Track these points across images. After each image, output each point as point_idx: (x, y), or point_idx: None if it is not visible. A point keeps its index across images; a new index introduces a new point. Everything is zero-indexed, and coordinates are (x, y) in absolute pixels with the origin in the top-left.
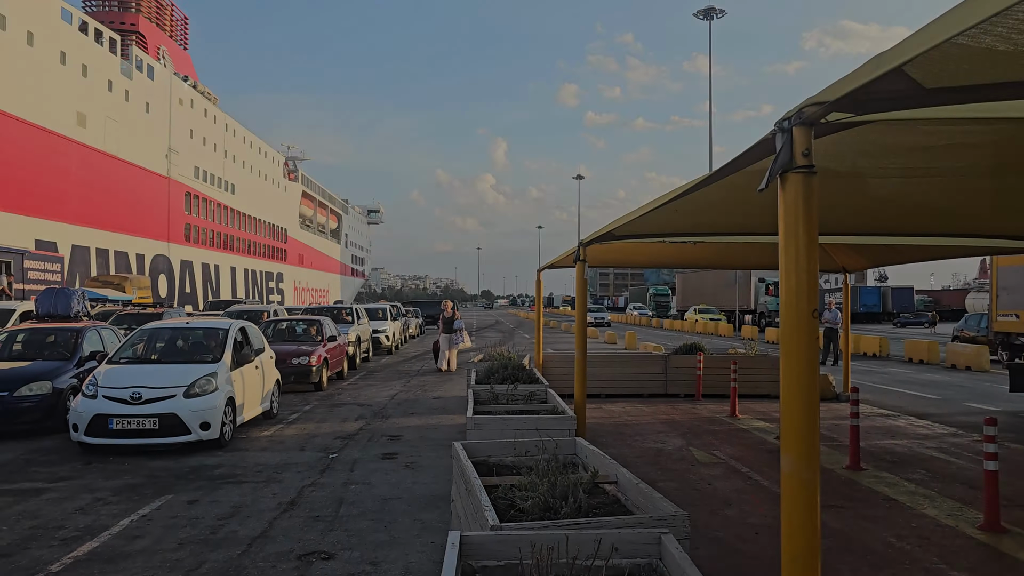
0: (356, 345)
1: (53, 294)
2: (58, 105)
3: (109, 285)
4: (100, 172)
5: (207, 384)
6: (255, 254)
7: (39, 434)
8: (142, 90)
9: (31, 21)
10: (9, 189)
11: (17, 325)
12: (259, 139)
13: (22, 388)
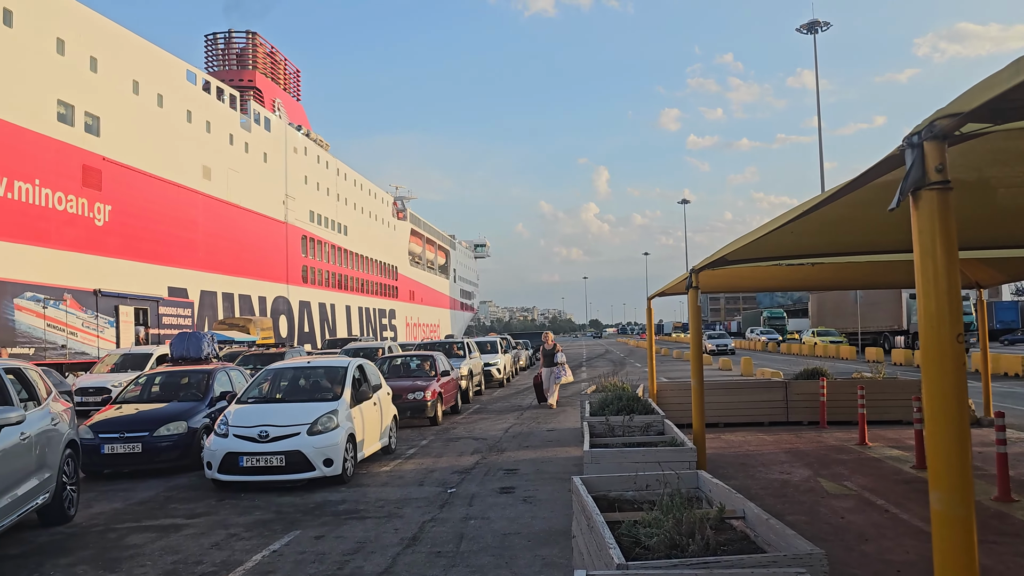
0: (468, 379)
1: (185, 338)
2: (186, 160)
3: (235, 327)
4: (224, 221)
5: (329, 421)
6: (368, 292)
7: (176, 471)
8: (260, 141)
9: (161, 85)
10: (147, 241)
11: (155, 368)
12: (369, 181)
13: (161, 428)
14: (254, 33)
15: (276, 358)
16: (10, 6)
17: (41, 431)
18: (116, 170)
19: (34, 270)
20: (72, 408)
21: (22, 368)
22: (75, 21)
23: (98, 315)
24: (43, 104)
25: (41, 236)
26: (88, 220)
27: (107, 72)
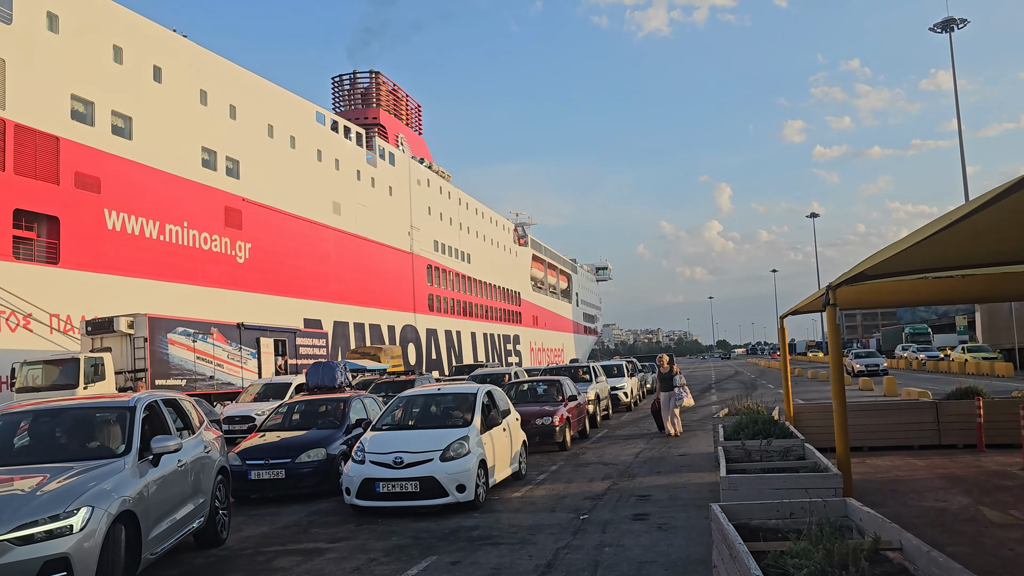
0: (596, 403)
1: (320, 367)
2: (317, 197)
3: (367, 356)
4: (354, 253)
5: (460, 448)
6: (492, 318)
7: (317, 497)
8: (386, 176)
9: (293, 127)
10: (283, 276)
11: (294, 397)
12: (490, 209)
13: (302, 455)
14: (377, 73)
15: (407, 385)
16: (159, 63)
17: (196, 458)
18: (254, 210)
19: (184, 306)
20: (222, 436)
21: (178, 399)
22: (216, 73)
23: (241, 347)
24: (190, 152)
25: (190, 274)
26: (231, 258)
27: (245, 118)
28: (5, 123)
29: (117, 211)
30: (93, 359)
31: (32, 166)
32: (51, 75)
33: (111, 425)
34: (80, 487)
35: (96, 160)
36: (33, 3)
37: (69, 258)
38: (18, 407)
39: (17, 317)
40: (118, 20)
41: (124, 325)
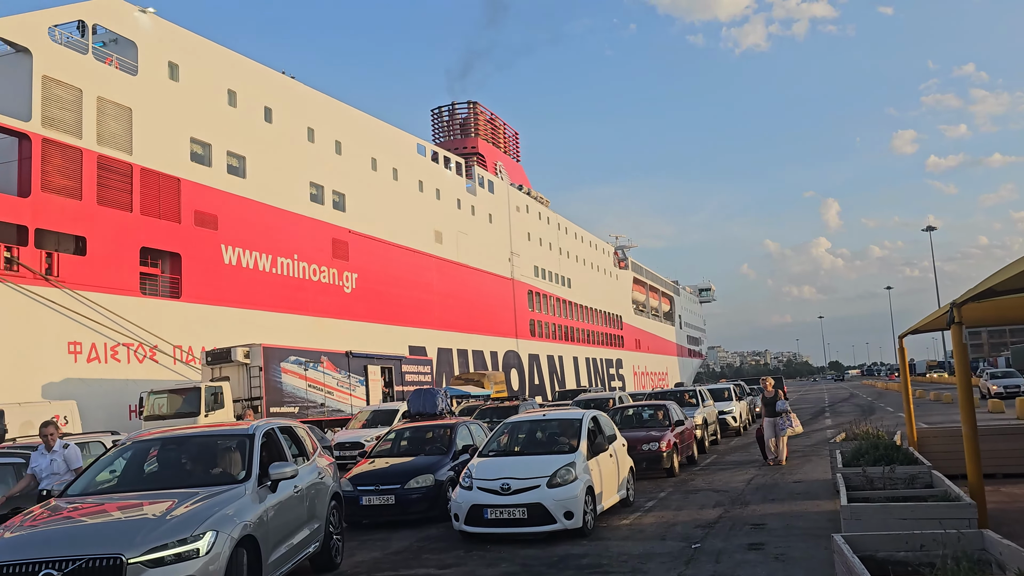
0: (703, 428)
1: (421, 394)
2: (419, 226)
3: (471, 382)
4: (455, 281)
5: (567, 474)
6: (594, 343)
7: (426, 523)
8: (485, 204)
9: (395, 159)
10: (388, 305)
11: (401, 423)
12: (589, 233)
13: (411, 481)
14: (475, 103)
15: (511, 411)
16: (270, 104)
17: (311, 484)
18: (360, 241)
19: (295, 336)
20: (334, 462)
21: (293, 427)
22: (322, 111)
23: (350, 375)
24: (299, 187)
25: (300, 305)
26: (338, 288)
27: (349, 153)
28: (132, 167)
29: (233, 246)
30: (213, 388)
31: (156, 206)
32: (173, 120)
33: (232, 452)
34: (205, 512)
35: (213, 199)
36: (156, 54)
37: (190, 292)
38: (147, 435)
39: (144, 349)
40: (232, 66)
41: (241, 355)
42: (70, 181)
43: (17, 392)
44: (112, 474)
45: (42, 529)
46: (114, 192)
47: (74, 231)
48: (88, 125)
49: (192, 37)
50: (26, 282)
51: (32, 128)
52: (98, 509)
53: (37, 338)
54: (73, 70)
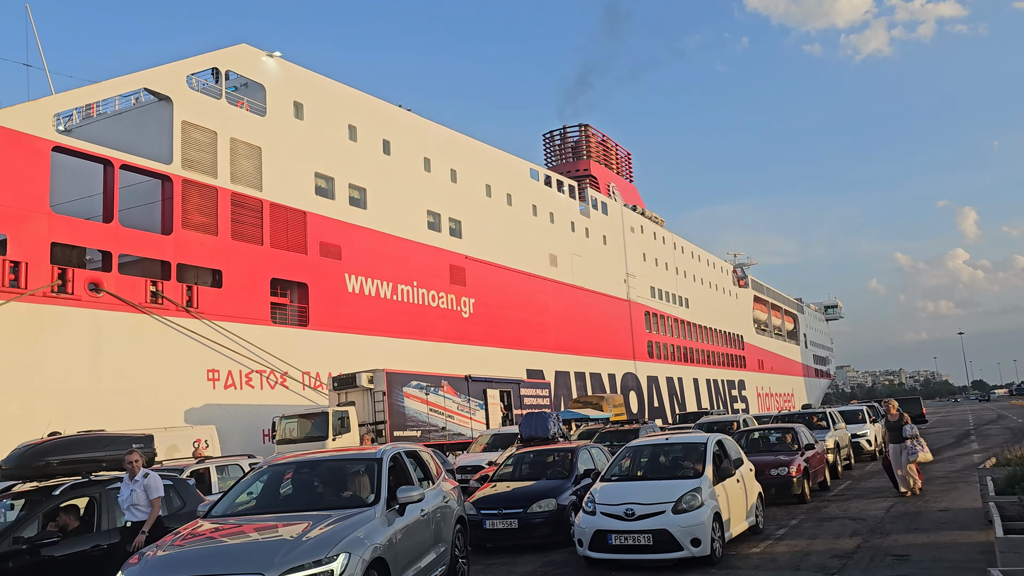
0: (835, 452)
1: (533, 418)
2: (534, 250)
3: (589, 405)
4: (571, 303)
5: (693, 499)
6: (714, 363)
7: (549, 548)
8: (599, 225)
9: (509, 185)
10: (505, 328)
11: (512, 448)
12: (705, 252)
13: (533, 505)
14: (586, 126)
15: (631, 434)
16: (388, 137)
17: (436, 508)
18: (476, 266)
19: (416, 361)
20: (459, 486)
21: (418, 450)
22: (437, 141)
23: (470, 398)
24: (416, 215)
25: (420, 331)
26: (456, 313)
27: (464, 181)
28: (263, 203)
29: (356, 275)
30: (340, 412)
31: (285, 239)
32: (298, 157)
33: (361, 476)
34: (338, 534)
35: (336, 230)
36: (282, 96)
37: (317, 320)
38: (282, 459)
39: (275, 375)
40: (352, 102)
41: (365, 380)
42: (207, 218)
43: (163, 417)
44: (250, 496)
45: (188, 549)
46: (246, 227)
47: (211, 265)
48: (222, 165)
49: (314, 77)
50: (169, 314)
51: (173, 170)
52: (238, 530)
53: (180, 366)
54: (208, 114)
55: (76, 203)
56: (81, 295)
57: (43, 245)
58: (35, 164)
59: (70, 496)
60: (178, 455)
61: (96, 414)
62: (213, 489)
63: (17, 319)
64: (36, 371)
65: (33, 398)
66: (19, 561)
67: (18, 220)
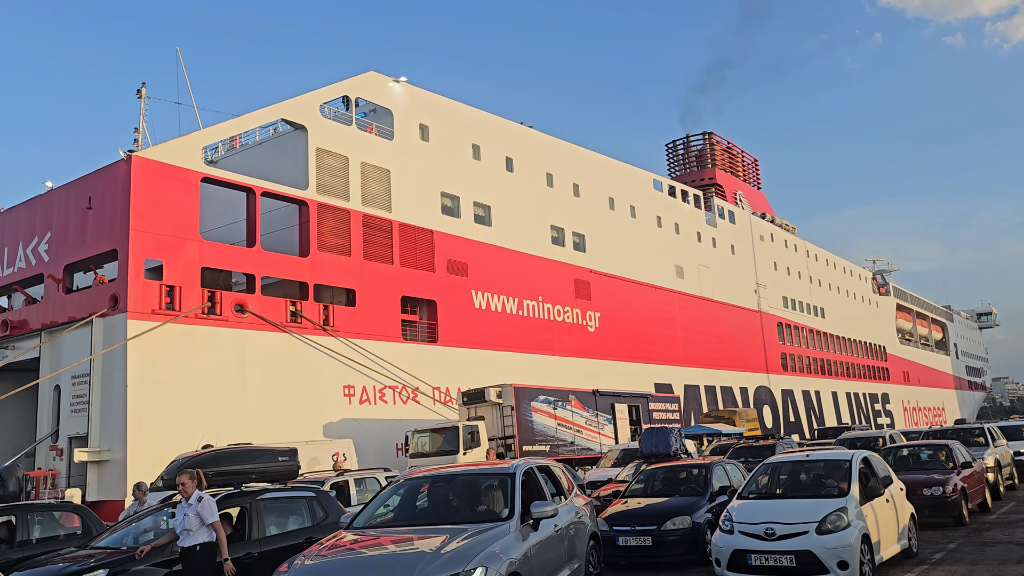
0: (996, 471)
1: (654, 433)
2: (659, 262)
3: (721, 419)
4: (699, 315)
5: (838, 520)
6: (854, 376)
7: (683, 566)
8: (726, 235)
9: (632, 197)
10: (631, 342)
11: (633, 464)
12: (841, 259)
13: (667, 522)
14: (710, 133)
15: (767, 450)
16: (510, 154)
17: (569, 523)
18: (601, 280)
19: (543, 376)
20: (591, 502)
21: (550, 465)
22: (559, 156)
23: (598, 413)
24: (540, 231)
25: (546, 345)
26: (582, 327)
27: (587, 194)
28: (392, 223)
29: (482, 291)
30: (470, 427)
31: (414, 258)
32: (425, 177)
33: (494, 490)
34: (474, 548)
35: (462, 247)
36: (408, 119)
37: (445, 336)
38: (417, 473)
39: (407, 391)
40: (475, 122)
41: (494, 395)
42: (341, 240)
43: (303, 431)
44: (387, 509)
45: (332, 560)
46: (377, 247)
47: (345, 285)
48: (354, 188)
49: (439, 100)
50: (308, 332)
51: (309, 195)
52: (377, 542)
53: (318, 382)
54: (340, 141)
55: (221, 229)
56: (228, 316)
57: (194, 270)
58: (187, 195)
59: (223, 506)
60: (318, 468)
61: (242, 428)
62: (352, 501)
63: (173, 339)
64: (190, 388)
65: (187, 413)
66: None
67: (173, 247)
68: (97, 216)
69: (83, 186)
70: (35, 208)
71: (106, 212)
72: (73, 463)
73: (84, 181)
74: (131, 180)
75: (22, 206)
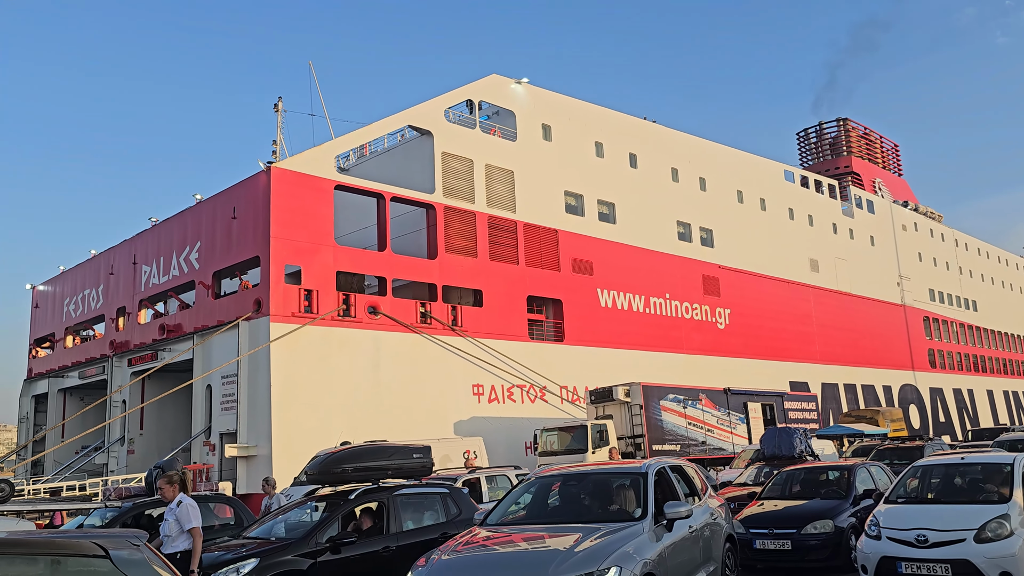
0: None
1: (776, 434)
2: (792, 256)
3: (862, 419)
4: (836, 310)
5: (1000, 528)
6: (1013, 373)
7: (825, 573)
8: (864, 225)
9: (762, 189)
10: (763, 339)
11: (754, 466)
12: (995, 247)
13: (808, 526)
14: (845, 119)
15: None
16: (634, 150)
17: (704, 524)
18: (730, 275)
19: (671, 374)
20: (726, 503)
21: (682, 465)
22: (684, 150)
23: (729, 412)
24: (666, 227)
25: (674, 343)
26: (711, 324)
27: (714, 188)
28: (517, 224)
29: (607, 289)
30: (598, 426)
31: (539, 257)
32: (548, 177)
33: (626, 490)
34: (608, 548)
35: (587, 246)
36: (531, 120)
37: (572, 335)
38: (549, 472)
39: (535, 389)
40: (597, 120)
41: (622, 394)
42: (467, 242)
43: (434, 429)
44: (518, 506)
45: (467, 555)
46: (503, 248)
47: (472, 285)
48: (479, 190)
49: (560, 99)
50: (437, 333)
51: (436, 199)
52: (509, 539)
53: (448, 381)
54: (465, 144)
55: (353, 234)
56: (362, 318)
57: (330, 274)
58: (322, 202)
59: (363, 500)
60: (451, 465)
61: (376, 426)
62: (483, 497)
63: (311, 341)
64: (327, 387)
65: (325, 411)
66: (324, 557)
67: (310, 253)
68: (241, 225)
69: (228, 197)
70: (186, 219)
71: (249, 221)
72: (224, 458)
73: (228, 192)
74: (271, 190)
75: (175, 218)
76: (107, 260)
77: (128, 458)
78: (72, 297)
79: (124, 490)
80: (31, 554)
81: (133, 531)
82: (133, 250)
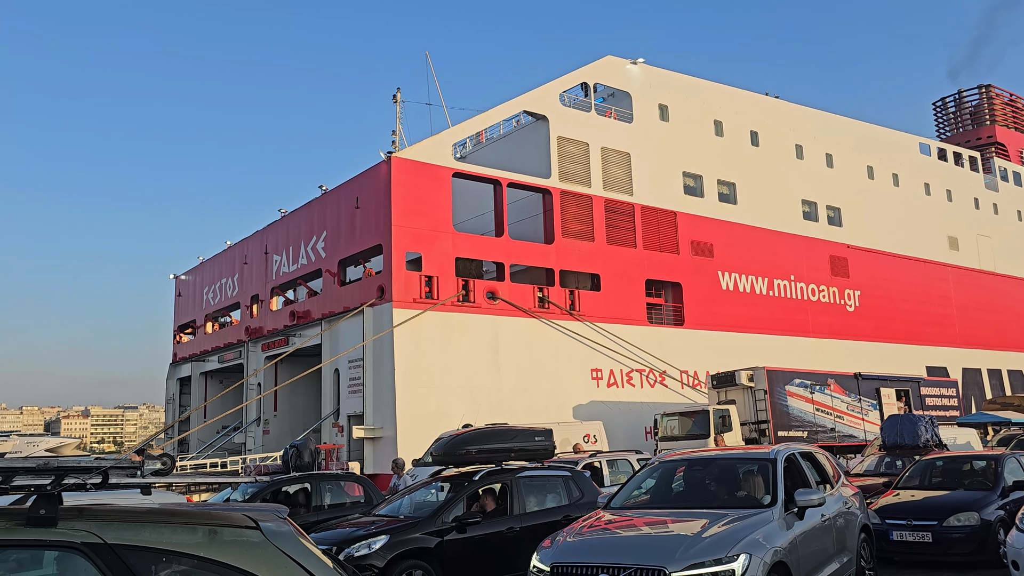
0: None
1: (898, 421)
2: (928, 234)
3: (1009, 407)
4: (979, 291)
5: None
6: None
7: (969, 567)
8: (1011, 199)
9: (894, 164)
10: (897, 322)
11: (875, 455)
12: None
13: (950, 518)
14: (988, 86)
15: None
16: (755, 128)
17: (838, 513)
18: (860, 256)
19: (796, 358)
20: (860, 492)
21: (813, 452)
22: (809, 126)
23: (860, 398)
24: (790, 206)
25: (799, 327)
26: (840, 307)
27: (842, 165)
28: (634, 207)
29: (729, 272)
30: (720, 411)
31: (657, 240)
32: (665, 158)
33: (754, 476)
34: (737, 534)
35: (707, 228)
36: (647, 100)
37: (692, 319)
38: (673, 456)
39: (654, 374)
40: (716, 97)
41: (745, 378)
42: (583, 226)
43: (553, 413)
44: (642, 490)
45: (591, 538)
46: (620, 231)
47: (589, 270)
48: (595, 174)
49: (677, 78)
50: (555, 317)
51: (552, 183)
52: (631, 523)
53: (566, 365)
54: (580, 127)
55: (471, 221)
56: (480, 303)
57: (449, 261)
58: (440, 190)
59: (487, 482)
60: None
61: (496, 409)
62: (605, 481)
63: (432, 326)
64: (448, 371)
65: (447, 394)
66: (451, 536)
67: (430, 240)
68: (363, 214)
69: (351, 187)
70: (312, 210)
71: (371, 210)
72: (352, 439)
73: (351, 183)
74: (391, 179)
75: (302, 208)
76: (241, 250)
77: (264, 438)
78: (211, 286)
79: (262, 467)
80: (191, 523)
81: (275, 505)
82: (264, 240)
